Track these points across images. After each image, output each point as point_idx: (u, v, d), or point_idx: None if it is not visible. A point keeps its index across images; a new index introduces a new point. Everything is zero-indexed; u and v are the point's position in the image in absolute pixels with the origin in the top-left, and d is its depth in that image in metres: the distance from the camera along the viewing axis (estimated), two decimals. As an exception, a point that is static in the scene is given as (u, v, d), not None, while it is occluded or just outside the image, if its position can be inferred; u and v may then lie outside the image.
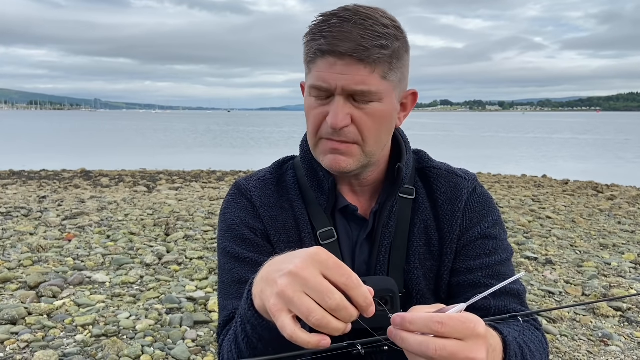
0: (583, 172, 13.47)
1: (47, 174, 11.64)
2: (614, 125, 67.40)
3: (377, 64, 0.94)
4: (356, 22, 0.93)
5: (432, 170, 1.12)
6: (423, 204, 1.10)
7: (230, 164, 14.39)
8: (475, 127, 60.56)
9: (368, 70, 0.94)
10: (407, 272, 1.06)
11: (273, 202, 1.10)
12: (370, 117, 0.97)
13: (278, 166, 1.17)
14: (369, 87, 0.94)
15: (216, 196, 8.40)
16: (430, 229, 1.08)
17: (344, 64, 0.93)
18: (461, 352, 0.68)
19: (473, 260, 1.07)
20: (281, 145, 26.26)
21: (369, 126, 0.97)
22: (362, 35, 0.92)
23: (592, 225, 6.61)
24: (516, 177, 12.07)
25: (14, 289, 3.89)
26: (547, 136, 37.98)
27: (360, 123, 0.97)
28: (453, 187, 1.10)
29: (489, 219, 1.09)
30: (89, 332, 3.21)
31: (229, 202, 1.13)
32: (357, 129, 0.98)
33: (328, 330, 0.66)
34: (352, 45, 0.92)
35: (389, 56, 0.94)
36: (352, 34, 0.92)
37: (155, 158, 16.64)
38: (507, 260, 1.09)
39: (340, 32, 0.93)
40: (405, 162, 1.07)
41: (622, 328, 3.48)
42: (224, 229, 1.11)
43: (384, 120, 0.99)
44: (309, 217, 1.09)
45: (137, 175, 11.50)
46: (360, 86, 0.94)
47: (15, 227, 5.80)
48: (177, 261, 4.68)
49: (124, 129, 51.96)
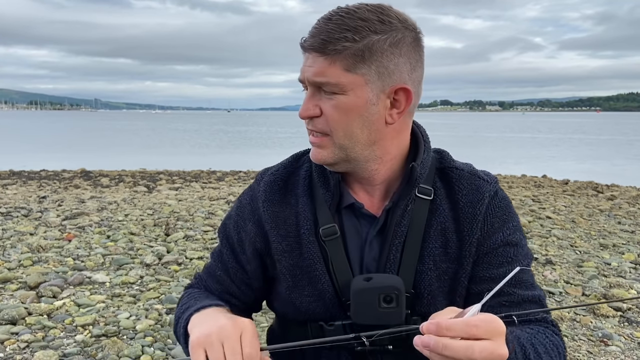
0: (583, 172, 13.47)
1: (47, 174, 11.64)
2: (615, 126, 67.40)
3: (338, 56, 0.96)
4: (332, 18, 0.98)
5: (453, 171, 1.11)
6: (441, 206, 1.08)
7: (230, 164, 14.38)
8: (477, 127, 60.57)
9: (327, 62, 0.97)
10: (420, 272, 1.05)
11: (277, 199, 1.13)
12: (335, 109, 1.00)
13: (294, 159, 1.19)
14: (328, 79, 0.98)
15: (216, 196, 8.40)
16: (448, 231, 1.07)
17: (310, 57, 1.00)
18: (495, 351, 0.77)
19: (496, 268, 1.06)
20: (280, 145, 26.25)
21: (335, 118, 1.00)
22: (329, 30, 0.96)
23: (592, 225, 6.61)
24: (516, 177, 12.07)
25: (14, 289, 3.89)
26: (548, 136, 37.99)
27: (326, 114, 1.01)
28: (475, 189, 1.08)
29: (509, 224, 1.09)
30: (89, 332, 3.21)
31: (246, 193, 1.20)
32: (325, 120, 1.02)
33: None
34: (316, 40, 0.98)
35: (356, 49, 0.96)
36: (321, 29, 0.97)
37: (155, 158, 16.64)
38: (528, 265, 1.08)
39: (315, 29, 0.99)
40: (420, 162, 1.06)
41: (622, 328, 3.48)
42: (232, 215, 1.20)
43: (351, 113, 1.00)
44: (316, 213, 1.09)
45: (137, 175, 11.50)
46: (320, 77, 0.98)
47: (15, 227, 5.80)
48: (177, 261, 4.68)
49: (124, 129, 51.97)
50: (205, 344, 0.88)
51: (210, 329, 0.90)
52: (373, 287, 0.98)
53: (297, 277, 1.09)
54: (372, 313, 0.99)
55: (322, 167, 1.10)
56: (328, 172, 1.09)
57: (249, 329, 0.90)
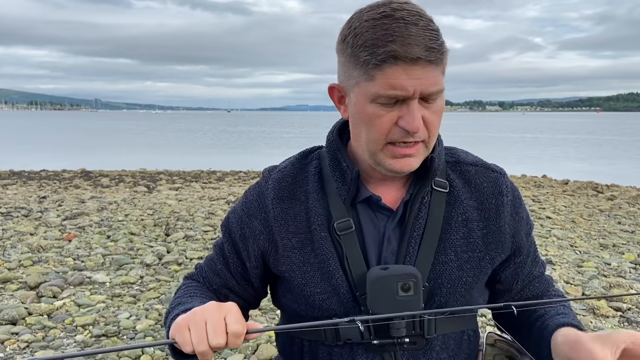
0: (583, 172, 13.46)
1: (47, 174, 11.64)
2: (615, 126, 67.41)
3: (441, 62, 0.96)
4: (416, 22, 0.93)
5: (468, 166, 1.15)
6: (459, 197, 1.10)
7: (230, 164, 14.39)
8: (477, 127, 60.58)
9: (439, 71, 0.96)
10: (442, 263, 1.07)
11: (286, 196, 1.12)
12: (435, 114, 1.00)
13: (303, 156, 1.18)
14: (439, 87, 0.96)
15: (216, 196, 8.40)
16: (470, 221, 1.09)
17: (419, 68, 0.92)
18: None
19: (526, 257, 1.17)
20: (280, 146, 26.26)
21: (435, 123, 1.00)
22: (429, 36, 0.92)
23: (592, 225, 6.61)
24: (516, 177, 12.06)
25: (14, 289, 3.89)
26: (548, 136, 38.00)
27: (428, 122, 0.99)
28: (493, 182, 1.13)
29: (525, 213, 1.17)
30: (89, 332, 3.21)
31: (252, 189, 1.19)
32: (426, 127, 0.99)
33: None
34: (423, 49, 0.91)
35: (444, 52, 0.97)
36: (419, 36, 0.92)
37: (155, 158, 16.64)
38: (534, 242, 1.21)
39: (408, 35, 0.91)
40: (437, 153, 1.08)
41: (622, 328, 3.48)
42: (237, 210, 1.19)
43: (441, 115, 1.02)
44: (329, 208, 1.09)
45: (137, 175, 11.50)
46: (436, 87, 0.96)
47: (15, 227, 5.81)
48: (177, 261, 4.68)
49: (125, 129, 51.97)
50: (190, 323, 0.88)
51: (194, 310, 0.91)
52: (391, 275, 0.99)
53: (308, 273, 1.09)
54: (390, 301, 0.99)
55: (337, 162, 1.10)
56: (345, 167, 1.08)
57: (234, 309, 0.90)
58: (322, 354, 1.10)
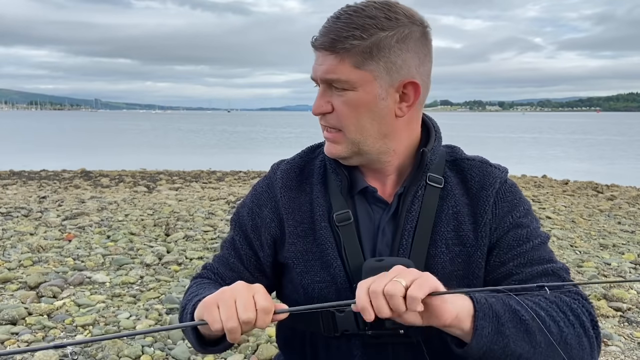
0: (583, 172, 13.47)
1: (47, 174, 11.64)
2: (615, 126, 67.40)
3: (347, 54, 1.00)
4: (340, 17, 1.01)
5: (465, 162, 1.16)
6: (452, 191, 1.12)
7: (230, 164, 14.38)
8: (477, 127, 60.56)
9: (337, 60, 1.01)
10: (433, 256, 1.08)
11: (294, 185, 1.17)
12: (345, 105, 1.04)
13: (310, 151, 1.24)
14: (338, 76, 1.02)
15: (216, 196, 8.40)
16: (460, 214, 1.10)
17: (320, 55, 1.04)
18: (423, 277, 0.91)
19: (505, 252, 1.09)
20: (280, 146, 26.25)
21: (346, 113, 1.05)
22: (338, 29, 1.00)
23: (592, 226, 6.61)
24: (516, 177, 12.06)
25: (14, 289, 3.89)
26: (548, 136, 38.00)
27: (338, 110, 1.06)
28: (486, 174, 1.13)
29: (520, 208, 1.12)
30: (89, 332, 3.21)
31: (261, 181, 1.24)
32: (337, 116, 1.06)
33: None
34: (326, 39, 1.02)
35: (364, 47, 1.00)
36: (330, 28, 1.01)
37: (155, 158, 16.64)
38: (541, 244, 1.10)
39: (324, 28, 1.03)
40: (431, 148, 1.10)
41: (622, 328, 3.48)
42: (246, 203, 1.23)
43: (361, 108, 1.04)
44: (330, 200, 1.13)
45: (137, 176, 11.50)
46: (330, 75, 1.03)
47: (15, 227, 5.80)
48: (177, 261, 4.68)
49: (125, 129, 51.97)
50: (219, 300, 0.90)
51: (223, 289, 0.92)
52: (385, 266, 1.00)
53: (309, 262, 1.12)
54: None
55: None
56: None
57: (262, 289, 0.93)
58: (321, 346, 1.12)
